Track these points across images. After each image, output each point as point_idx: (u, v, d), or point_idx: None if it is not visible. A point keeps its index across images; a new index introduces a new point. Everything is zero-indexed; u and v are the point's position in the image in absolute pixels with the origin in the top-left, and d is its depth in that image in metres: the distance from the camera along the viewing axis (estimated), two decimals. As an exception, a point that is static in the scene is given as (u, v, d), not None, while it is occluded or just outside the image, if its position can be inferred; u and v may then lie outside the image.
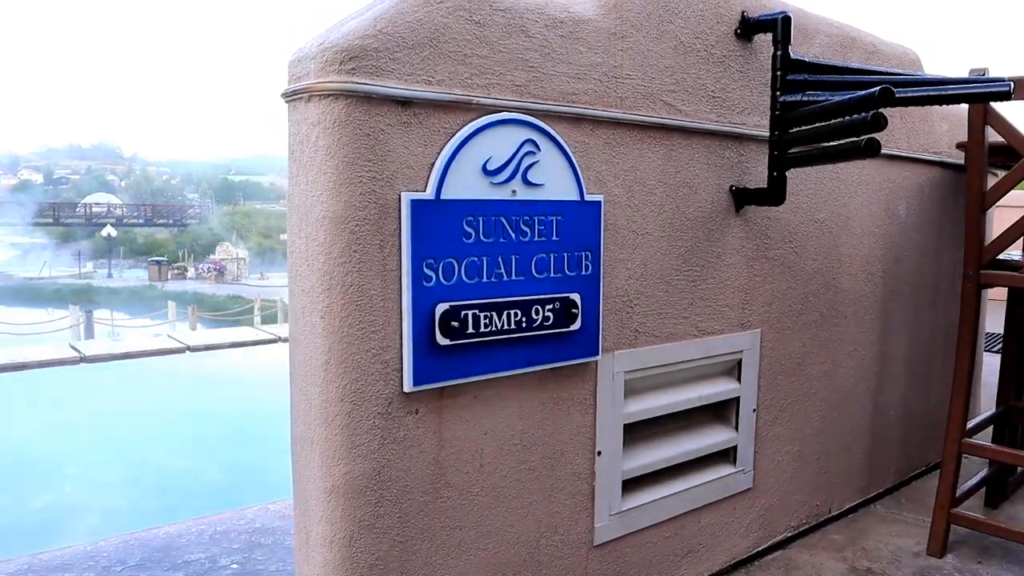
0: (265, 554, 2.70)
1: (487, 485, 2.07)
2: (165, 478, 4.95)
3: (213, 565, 2.60)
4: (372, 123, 1.77)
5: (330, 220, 1.75)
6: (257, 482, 4.79)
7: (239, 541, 2.79)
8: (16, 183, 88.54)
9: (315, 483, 1.85)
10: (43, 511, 4.27)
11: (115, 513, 4.33)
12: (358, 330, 1.79)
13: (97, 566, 2.58)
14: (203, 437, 5.72)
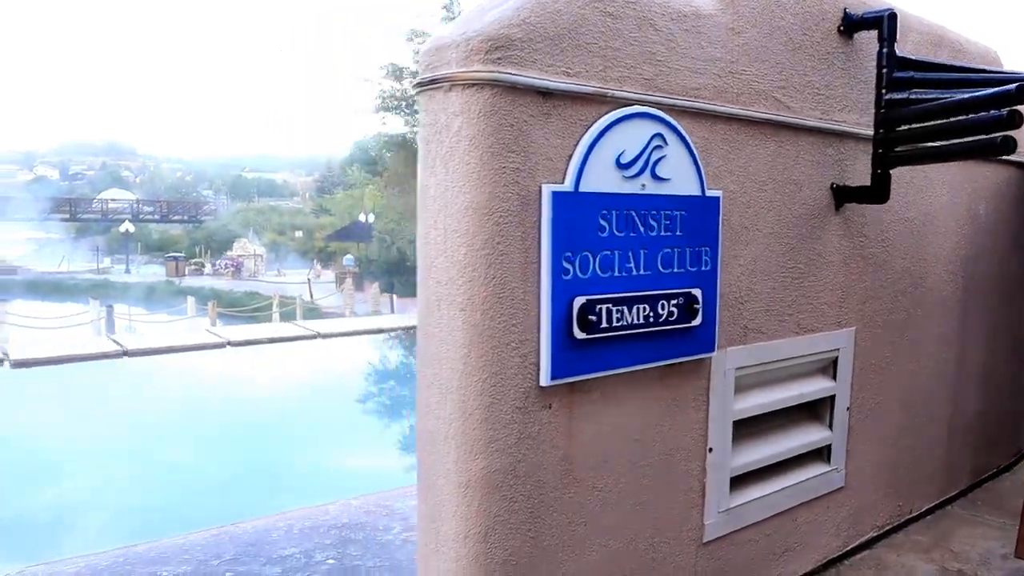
0: (359, 549, 2.69)
1: (610, 482, 2.06)
2: (245, 471, 4.96)
3: (309, 560, 2.59)
4: (516, 113, 1.75)
5: (473, 210, 1.74)
6: (336, 475, 4.80)
7: (330, 536, 2.78)
8: (32, 178, 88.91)
9: (449, 478, 1.84)
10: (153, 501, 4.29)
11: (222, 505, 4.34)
12: (499, 323, 1.77)
13: (192, 559, 2.58)
14: (267, 430, 5.72)
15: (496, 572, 1.85)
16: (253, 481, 4.66)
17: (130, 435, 5.41)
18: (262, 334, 7.46)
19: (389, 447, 5.54)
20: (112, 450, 5.08)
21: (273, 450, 5.25)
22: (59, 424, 5.70)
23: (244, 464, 4.85)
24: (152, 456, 4.95)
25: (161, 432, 5.54)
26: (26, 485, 4.48)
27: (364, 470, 4.85)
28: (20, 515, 4.11)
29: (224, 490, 4.48)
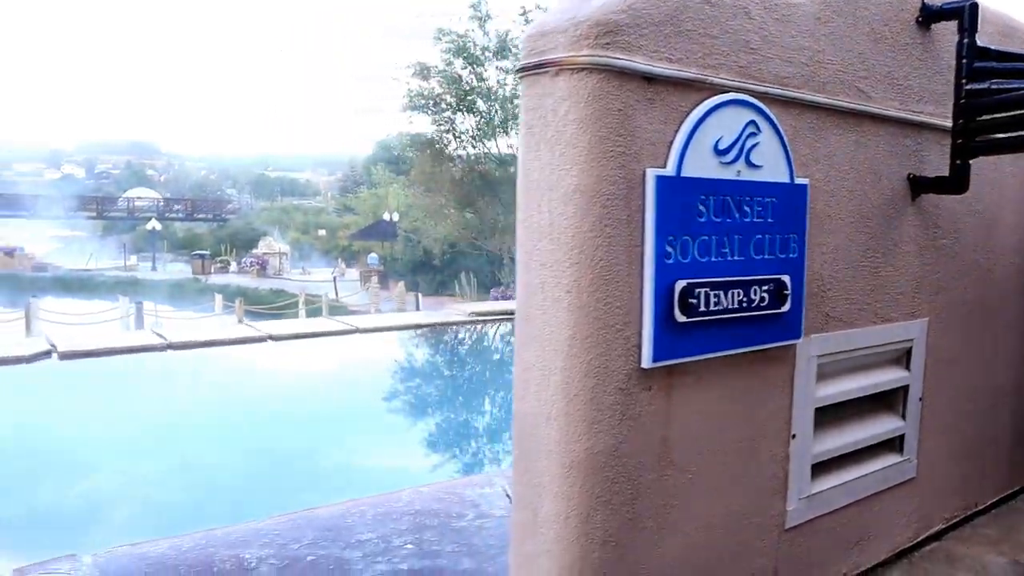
0: (435, 535, 2.72)
1: (702, 465, 2.08)
2: (307, 459, 5.02)
3: (388, 545, 2.63)
4: (623, 98, 1.78)
5: (580, 194, 1.76)
6: (397, 465, 4.85)
7: (404, 522, 2.81)
8: (59, 177, 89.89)
9: (551, 458, 1.86)
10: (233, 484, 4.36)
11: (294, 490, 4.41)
12: (604, 305, 1.80)
13: (273, 543, 2.62)
14: (317, 422, 5.78)
15: (596, 552, 1.87)
16: (315, 468, 4.71)
17: (182, 425, 5.47)
18: (302, 328, 7.51)
19: (440, 439, 5.58)
20: (167, 439, 5.14)
21: (328, 442, 5.29)
22: (112, 414, 5.78)
23: (303, 454, 4.90)
24: (208, 445, 5.00)
25: (213, 423, 5.60)
26: (92, 473, 4.55)
27: (420, 461, 4.89)
28: (97, 500, 4.17)
29: (291, 476, 4.53)
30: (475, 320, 8.77)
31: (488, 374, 7.73)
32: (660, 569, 2.01)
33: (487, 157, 22.68)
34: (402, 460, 4.98)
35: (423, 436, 5.58)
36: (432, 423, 5.89)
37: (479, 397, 6.98)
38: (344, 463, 4.80)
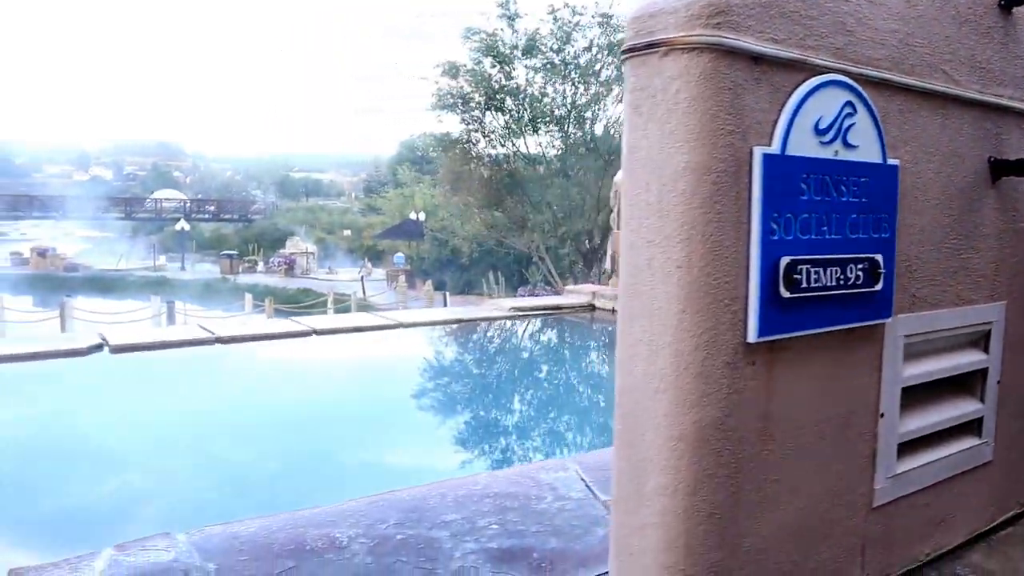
0: (517, 516, 2.76)
1: (798, 441, 2.11)
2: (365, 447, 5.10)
3: (473, 525, 2.67)
4: (732, 77, 1.81)
5: (692, 171, 1.80)
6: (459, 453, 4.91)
7: (485, 504, 2.86)
8: (87, 178, 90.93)
9: (658, 431, 1.90)
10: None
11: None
12: (714, 280, 1.83)
13: (360, 523, 2.67)
14: (370, 413, 5.86)
15: (702, 526, 1.91)
16: (380, 458, 4.77)
17: (239, 416, 5.56)
18: (346, 323, 7.58)
19: (506, 430, 5.63)
20: (228, 429, 5.23)
21: (395, 433, 5.37)
22: (171, 404, 5.88)
23: (365, 445, 4.97)
24: (267, 436, 5.08)
25: (271, 414, 5.68)
26: (165, 457, 4.64)
27: (491, 451, 4.96)
28: (179, 482, 4.25)
29: (358, 466, 4.60)
30: (516, 315, 8.81)
31: (542, 367, 7.77)
32: (759, 543, 2.04)
33: (516, 156, 22.71)
34: (470, 451, 5.03)
35: (487, 427, 5.62)
36: (495, 414, 5.93)
37: (538, 389, 7.03)
38: (412, 453, 4.85)
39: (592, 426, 5.82)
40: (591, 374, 8.01)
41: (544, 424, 5.79)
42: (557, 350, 8.89)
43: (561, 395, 6.98)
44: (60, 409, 6.01)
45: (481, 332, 8.51)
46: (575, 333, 9.29)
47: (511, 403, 6.47)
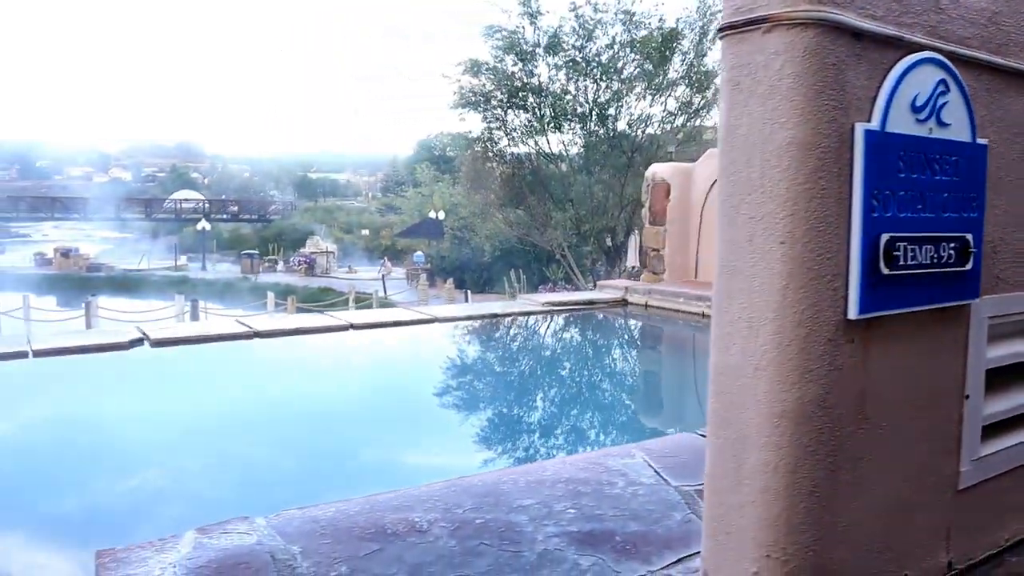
0: (592, 501, 2.77)
1: (890, 420, 2.10)
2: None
3: (550, 510, 2.68)
4: (836, 53, 1.81)
5: (796, 147, 1.80)
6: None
7: (558, 490, 2.86)
8: (107, 180, 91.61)
9: (759, 409, 1.90)
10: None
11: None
12: (817, 256, 1.83)
13: (436, 507, 2.68)
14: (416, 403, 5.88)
15: (803, 504, 1.90)
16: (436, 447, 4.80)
17: (283, 407, 5.59)
18: (382, 318, 7.61)
19: (557, 421, 5.64)
20: (273, 420, 5.27)
21: (432, 424, 5.40)
22: (217, 396, 5.93)
23: (415, 432, 5.00)
24: (323, 425, 5.13)
25: (315, 405, 5.71)
26: (218, 445, 4.68)
27: (548, 440, 4.98)
28: (240, 470, 4.29)
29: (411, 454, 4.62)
30: (550, 310, 8.81)
31: (582, 360, 7.77)
32: (853, 522, 2.03)
33: (539, 154, 22.70)
34: (525, 441, 5.04)
35: (539, 419, 5.62)
36: (542, 407, 5.94)
37: (579, 381, 7.03)
38: (464, 445, 4.88)
39: (644, 417, 5.83)
40: (635, 367, 8.00)
41: (596, 416, 5.79)
42: (598, 344, 8.89)
43: (611, 387, 6.97)
44: (114, 398, 6.08)
45: (517, 327, 8.52)
46: (613, 327, 9.29)
47: (563, 395, 6.47)
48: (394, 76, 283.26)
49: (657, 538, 2.48)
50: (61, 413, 5.76)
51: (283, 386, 6.45)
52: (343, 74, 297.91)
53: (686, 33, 21.05)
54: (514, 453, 4.70)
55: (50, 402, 5.97)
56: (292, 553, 2.36)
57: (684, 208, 9.93)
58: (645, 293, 9.37)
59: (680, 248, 9.98)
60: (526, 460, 4.51)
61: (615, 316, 9.24)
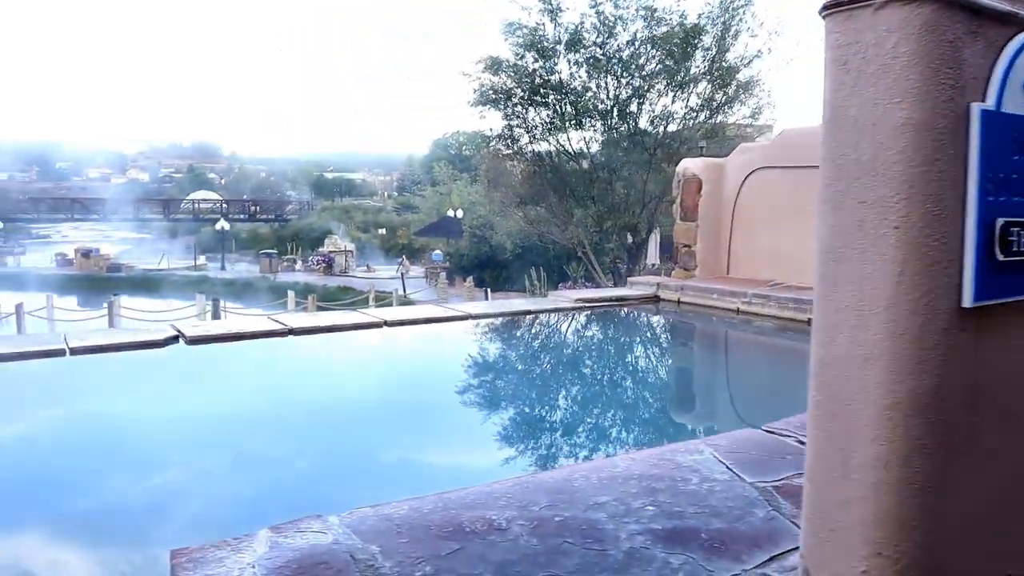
0: (669, 497, 2.70)
1: (997, 412, 2.02)
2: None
3: (628, 507, 2.61)
4: (953, 30, 1.74)
5: (912, 128, 1.73)
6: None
7: (631, 486, 2.79)
8: (124, 181, 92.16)
9: (869, 401, 1.83)
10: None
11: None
12: (933, 241, 1.76)
13: (511, 505, 2.62)
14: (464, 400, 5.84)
15: (915, 498, 1.83)
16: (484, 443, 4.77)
17: (324, 403, 5.56)
18: (416, 314, 7.57)
19: (608, 417, 5.58)
20: (318, 416, 5.23)
21: (475, 418, 5.36)
22: (256, 393, 5.91)
23: (458, 428, 4.97)
24: (371, 421, 5.09)
25: (360, 402, 5.67)
26: (256, 443, 4.66)
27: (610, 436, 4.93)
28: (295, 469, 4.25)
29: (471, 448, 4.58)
30: (581, 307, 8.75)
31: (623, 356, 7.70)
32: (966, 518, 1.96)
33: (560, 151, 22.62)
34: (578, 438, 4.97)
35: (589, 415, 5.56)
36: (590, 404, 5.88)
37: (623, 377, 6.97)
38: (510, 440, 4.83)
39: (696, 413, 5.75)
40: (681, 363, 7.91)
41: (645, 412, 5.72)
42: (636, 340, 8.82)
43: (658, 384, 6.89)
44: (155, 395, 6.07)
45: (551, 324, 8.45)
46: (649, 324, 9.21)
47: (609, 392, 6.41)
48: (410, 76, 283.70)
49: (743, 536, 2.41)
50: (105, 410, 5.75)
51: (323, 383, 6.42)
52: (355, 74, 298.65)
53: (708, 29, 20.90)
54: (569, 448, 4.63)
55: (93, 399, 5.97)
56: (371, 553, 2.31)
57: (716, 203, 9.84)
58: (677, 289, 9.30)
59: (712, 244, 9.89)
60: (576, 457, 4.44)
61: (649, 313, 9.16)
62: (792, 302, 8.07)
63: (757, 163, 9.51)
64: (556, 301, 8.70)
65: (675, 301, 9.24)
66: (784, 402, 5.85)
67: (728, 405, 5.92)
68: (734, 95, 21.36)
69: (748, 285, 8.84)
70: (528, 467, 4.23)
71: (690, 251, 9.93)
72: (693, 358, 8.15)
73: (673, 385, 6.78)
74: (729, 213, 9.81)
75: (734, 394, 6.25)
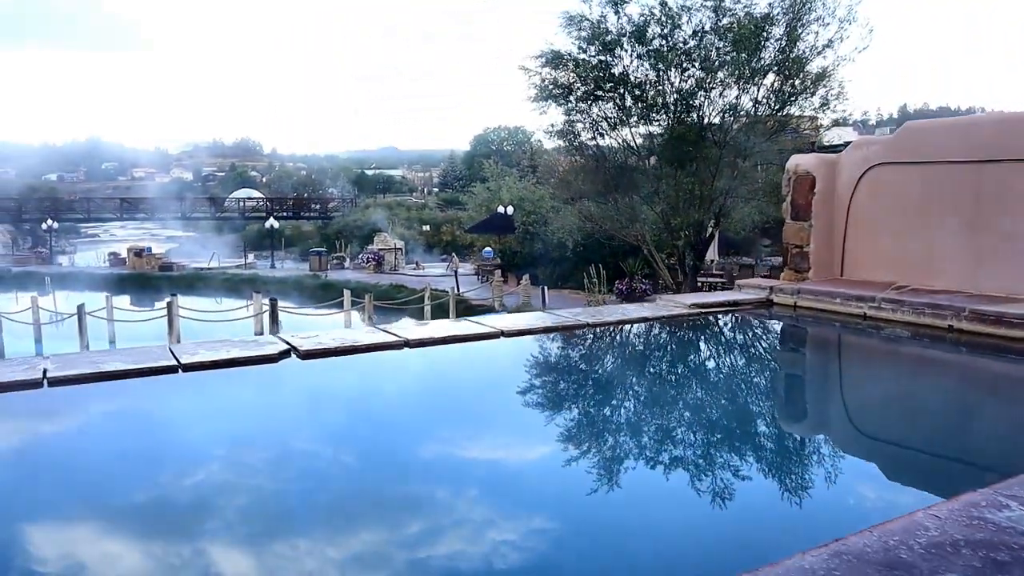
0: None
1: None
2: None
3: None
4: None
5: None
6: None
7: (966, 557, 2.34)
8: (168, 180, 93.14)
9: None
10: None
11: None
12: None
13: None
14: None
15: None
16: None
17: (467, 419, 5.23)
18: (532, 323, 7.19)
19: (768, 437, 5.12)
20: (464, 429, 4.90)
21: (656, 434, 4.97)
22: (390, 410, 5.63)
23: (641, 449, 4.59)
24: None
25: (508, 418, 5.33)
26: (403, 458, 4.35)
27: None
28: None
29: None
30: (699, 312, 8.31)
31: (774, 373, 7.24)
32: None
33: (624, 146, 22.10)
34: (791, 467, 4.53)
35: (770, 435, 5.09)
36: (751, 423, 5.44)
37: (789, 392, 6.52)
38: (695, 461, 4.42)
39: (876, 437, 5.24)
40: (828, 379, 7.39)
41: (827, 437, 5.24)
42: (778, 351, 8.35)
43: (823, 404, 6.38)
44: (283, 412, 5.76)
45: (674, 331, 8.01)
46: (783, 332, 8.72)
47: (775, 412, 5.94)
48: (452, 73, 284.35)
49: None
50: (241, 428, 5.41)
51: (462, 397, 6.07)
52: (394, 70, 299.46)
53: (779, 18, 20.23)
54: (777, 488, 4.16)
55: (226, 417, 5.67)
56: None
57: (828, 202, 9.32)
58: (793, 293, 8.79)
59: (824, 245, 9.38)
60: (797, 501, 3.97)
61: (775, 319, 8.67)
62: (928, 307, 7.53)
63: (876, 159, 8.97)
64: (670, 307, 8.26)
65: (791, 305, 8.73)
66: (979, 428, 5.35)
67: (916, 432, 5.35)
68: (804, 87, 20.65)
69: (870, 288, 8.31)
70: (749, 507, 3.78)
71: (802, 252, 9.41)
72: (844, 374, 7.57)
73: (848, 407, 6.26)
74: (843, 212, 9.27)
75: (915, 420, 5.67)
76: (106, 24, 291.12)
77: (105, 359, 6.16)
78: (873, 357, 7.59)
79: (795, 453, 4.90)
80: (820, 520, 3.66)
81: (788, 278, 9.45)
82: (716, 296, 9.81)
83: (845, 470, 4.44)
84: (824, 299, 8.46)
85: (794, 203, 9.41)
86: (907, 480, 4.27)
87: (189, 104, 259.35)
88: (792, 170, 9.45)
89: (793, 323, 8.61)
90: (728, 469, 4.35)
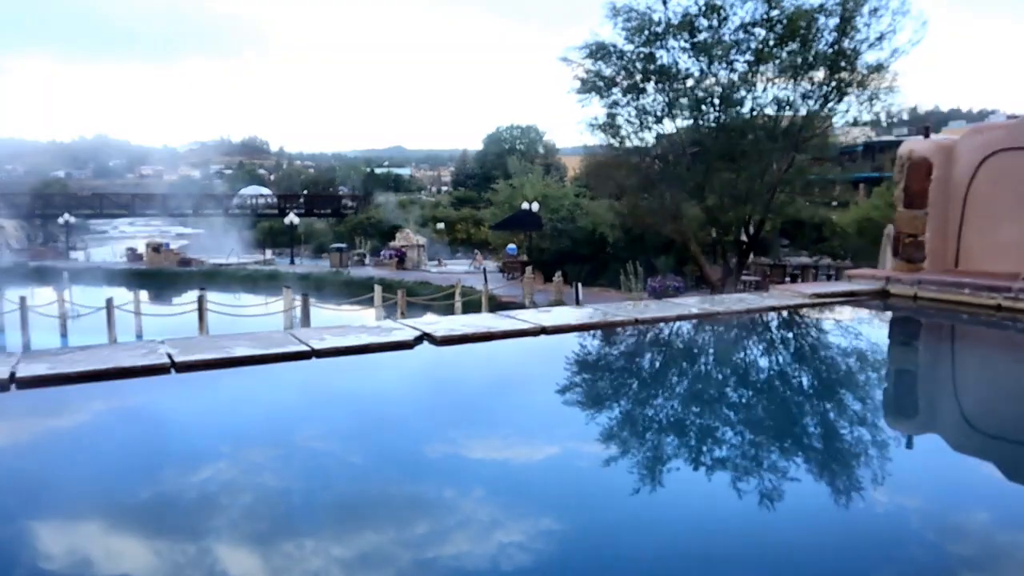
0: None
1: None
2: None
3: None
4: None
5: None
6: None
7: None
8: (176, 178, 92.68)
9: None
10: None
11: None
12: None
13: None
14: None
15: None
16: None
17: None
18: (576, 319, 6.91)
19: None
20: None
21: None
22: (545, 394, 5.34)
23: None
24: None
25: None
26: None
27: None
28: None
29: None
30: (818, 303, 7.91)
31: (921, 352, 6.83)
32: None
33: (668, 140, 21.72)
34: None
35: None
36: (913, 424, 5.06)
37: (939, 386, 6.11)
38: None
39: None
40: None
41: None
42: (920, 343, 7.95)
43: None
44: (437, 398, 5.43)
45: (797, 321, 7.60)
46: (913, 323, 8.33)
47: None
48: (462, 68, 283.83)
49: None
50: (395, 412, 5.06)
51: (599, 384, 5.77)
52: (404, 68, 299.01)
53: (831, 8, 19.84)
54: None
55: (381, 402, 5.32)
56: None
57: (944, 189, 8.91)
58: (912, 284, 8.39)
59: (939, 234, 8.97)
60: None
61: (898, 310, 8.28)
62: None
63: (998, 144, 8.56)
64: (786, 297, 7.86)
65: (910, 296, 8.33)
66: None
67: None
68: (857, 79, 20.27)
69: (999, 279, 7.90)
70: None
71: (916, 242, 9.00)
72: (998, 367, 7.12)
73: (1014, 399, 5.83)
74: (959, 200, 8.86)
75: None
76: (106, 19, 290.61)
77: (230, 344, 5.78)
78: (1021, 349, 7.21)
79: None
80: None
81: (900, 268, 9.05)
82: (832, 286, 9.42)
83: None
84: (951, 290, 8.05)
85: (908, 190, 9.00)
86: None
87: (196, 102, 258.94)
88: (906, 156, 9.04)
89: (921, 314, 8.20)
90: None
